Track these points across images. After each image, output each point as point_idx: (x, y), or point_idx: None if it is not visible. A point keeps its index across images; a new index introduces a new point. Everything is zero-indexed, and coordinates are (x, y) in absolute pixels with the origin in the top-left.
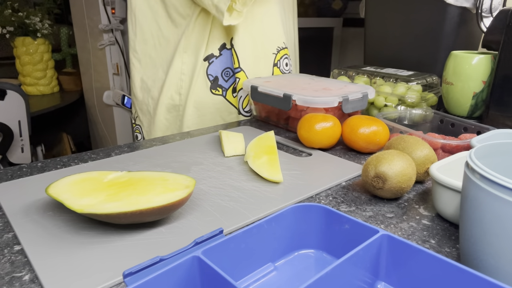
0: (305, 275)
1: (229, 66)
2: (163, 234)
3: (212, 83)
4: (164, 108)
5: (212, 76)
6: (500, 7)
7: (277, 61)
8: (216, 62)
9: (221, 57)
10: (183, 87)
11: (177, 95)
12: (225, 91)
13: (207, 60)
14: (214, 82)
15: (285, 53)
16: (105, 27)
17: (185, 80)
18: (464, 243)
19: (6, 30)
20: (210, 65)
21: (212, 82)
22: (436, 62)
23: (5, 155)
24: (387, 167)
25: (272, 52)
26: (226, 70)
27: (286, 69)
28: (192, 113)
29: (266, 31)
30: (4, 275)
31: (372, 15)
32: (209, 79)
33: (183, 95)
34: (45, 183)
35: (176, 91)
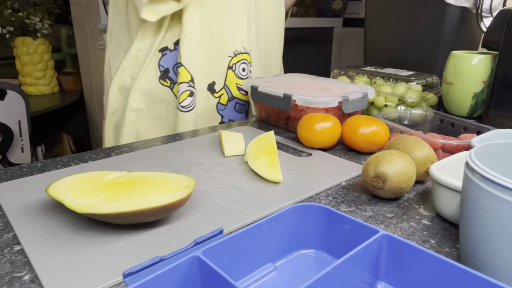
0: (305, 275)
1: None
2: (163, 234)
3: (162, 73)
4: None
5: (163, 67)
6: (500, 7)
7: (232, 64)
8: (169, 55)
9: (175, 51)
10: (135, 72)
11: (129, 78)
12: (173, 83)
13: (161, 51)
14: (164, 74)
15: (244, 58)
16: (105, 27)
17: (138, 66)
18: (464, 243)
19: (6, 30)
20: (163, 57)
21: (162, 72)
22: (436, 62)
23: (5, 155)
24: (387, 167)
25: (228, 55)
26: (178, 65)
27: (243, 74)
28: (138, 98)
29: (224, 33)
30: (4, 275)
31: (372, 15)
32: (159, 70)
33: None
34: (45, 183)
35: (129, 75)
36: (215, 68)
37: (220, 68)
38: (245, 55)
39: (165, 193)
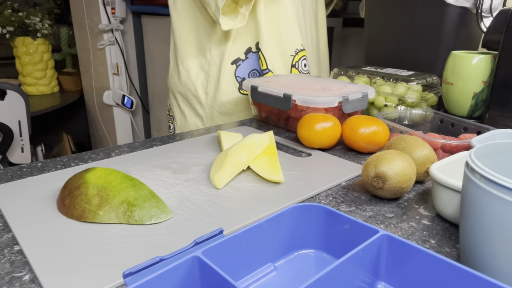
0: (305, 275)
1: (256, 68)
2: (163, 234)
3: (241, 84)
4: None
5: (240, 77)
6: (500, 7)
7: (295, 62)
8: (243, 64)
9: (248, 60)
10: (209, 87)
11: (203, 94)
12: None
13: (235, 63)
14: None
15: (303, 54)
16: (105, 27)
17: (210, 81)
18: (464, 243)
19: (6, 30)
20: (238, 68)
21: (240, 83)
22: (436, 62)
23: (5, 155)
24: (387, 167)
25: (290, 54)
26: (253, 72)
27: (304, 70)
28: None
29: (283, 33)
30: (4, 275)
31: (372, 15)
32: (237, 81)
33: (210, 95)
34: (45, 183)
35: (203, 91)
36: (282, 69)
37: (285, 68)
38: (304, 52)
39: None
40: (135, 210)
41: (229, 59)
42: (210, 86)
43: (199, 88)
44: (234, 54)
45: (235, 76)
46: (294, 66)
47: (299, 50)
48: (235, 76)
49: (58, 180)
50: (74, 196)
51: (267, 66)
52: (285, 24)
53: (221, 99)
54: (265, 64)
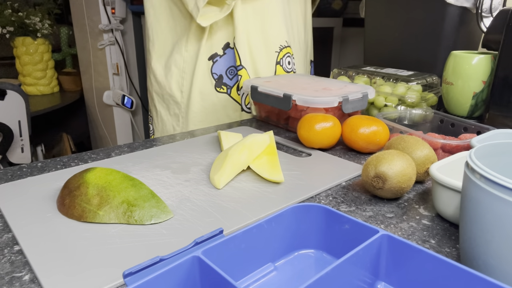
0: (305, 275)
1: (233, 64)
2: (163, 234)
3: (217, 81)
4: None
5: (217, 74)
6: (500, 7)
7: (279, 59)
8: (220, 61)
9: (225, 56)
10: (185, 85)
11: (178, 92)
12: (229, 88)
13: (211, 59)
14: (219, 81)
15: (288, 51)
16: (105, 27)
17: (186, 79)
18: (464, 243)
19: (6, 30)
20: (214, 64)
21: (216, 80)
22: (436, 62)
23: (5, 155)
24: (387, 167)
25: (275, 50)
26: (231, 69)
27: (288, 68)
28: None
29: (267, 29)
30: (4, 275)
31: (372, 15)
32: (213, 78)
33: (185, 93)
34: (45, 183)
35: (178, 89)
36: (266, 66)
37: (270, 65)
38: (288, 49)
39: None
40: (135, 210)
41: (205, 55)
42: (186, 84)
43: (174, 86)
44: (211, 49)
45: (211, 73)
46: (278, 63)
47: (284, 47)
48: (212, 72)
49: (58, 180)
50: (74, 196)
51: (240, 63)
52: (269, 20)
53: (196, 98)
54: (238, 61)
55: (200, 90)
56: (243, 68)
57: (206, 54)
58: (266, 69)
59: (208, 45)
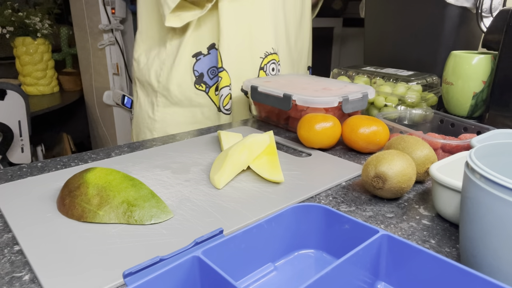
0: (305, 275)
1: (215, 65)
2: (163, 234)
3: (197, 78)
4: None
5: (198, 72)
6: (500, 7)
7: (263, 65)
8: (204, 59)
9: (209, 56)
10: (162, 76)
11: (155, 81)
12: (208, 87)
13: (195, 57)
14: (199, 78)
15: (273, 58)
16: (105, 27)
17: (164, 70)
18: (464, 243)
19: (6, 30)
20: (197, 62)
21: (197, 77)
22: (436, 62)
23: (5, 155)
24: (387, 167)
25: (260, 56)
26: (212, 69)
27: (272, 74)
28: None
29: (254, 34)
30: (4, 275)
31: (372, 15)
32: (194, 75)
33: (162, 83)
34: (45, 183)
35: (155, 78)
36: (249, 70)
37: (253, 70)
38: (274, 55)
39: None
40: (135, 210)
41: (186, 50)
42: (163, 74)
43: (152, 74)
44: (196, 47)
45: (193, 70)
46: (262, 69)
47: (269, 53)
48: (193, 69)
49: (58, 180)
50: (74, 196)
51: (222, 65)
52: (256, 23)
53: (174, 90)
54: (220, 63)
55: (179, 83)
56: (224, 71)
57: (190, 50)
58: (249, 73)
59: (192, 41)
